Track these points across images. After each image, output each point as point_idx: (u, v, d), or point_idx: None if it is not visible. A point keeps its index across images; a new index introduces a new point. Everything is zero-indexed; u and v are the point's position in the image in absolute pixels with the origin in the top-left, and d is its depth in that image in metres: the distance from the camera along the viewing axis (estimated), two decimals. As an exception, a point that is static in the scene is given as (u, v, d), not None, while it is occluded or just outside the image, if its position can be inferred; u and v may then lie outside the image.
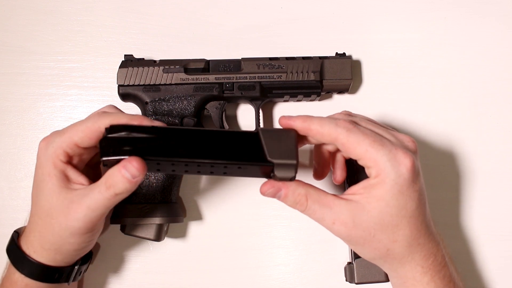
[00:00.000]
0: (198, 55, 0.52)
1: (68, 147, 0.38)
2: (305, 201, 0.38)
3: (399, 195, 0.36)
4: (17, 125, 0.52)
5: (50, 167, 0.38)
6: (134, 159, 0.34)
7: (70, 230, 0.37)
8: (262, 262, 0.50)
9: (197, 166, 0.36)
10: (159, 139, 0.36)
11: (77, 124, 0.38)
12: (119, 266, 0.50)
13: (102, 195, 0.36)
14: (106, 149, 0.35)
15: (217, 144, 0.36)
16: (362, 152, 0.36)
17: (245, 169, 0.37)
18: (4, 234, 0.43)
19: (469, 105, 0.53)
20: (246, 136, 0.37)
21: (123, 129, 0.36)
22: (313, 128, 0.38)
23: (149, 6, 0.54)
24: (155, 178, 0.46)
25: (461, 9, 0.54)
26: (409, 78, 0.53)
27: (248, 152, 0.36)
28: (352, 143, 0.37)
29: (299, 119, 0.38)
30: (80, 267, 0.43)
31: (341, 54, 0.50)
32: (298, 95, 0.49)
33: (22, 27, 0.54)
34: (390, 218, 0.36)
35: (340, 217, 0.37)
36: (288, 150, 0.36)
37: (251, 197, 0.51)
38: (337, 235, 0.38)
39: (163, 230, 0.47)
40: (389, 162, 0.36)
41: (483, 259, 0.50)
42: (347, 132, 0.37)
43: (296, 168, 0.37)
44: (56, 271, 0.40)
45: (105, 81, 0.53)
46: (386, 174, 0.36)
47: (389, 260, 0.38)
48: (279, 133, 0.37)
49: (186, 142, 0.36)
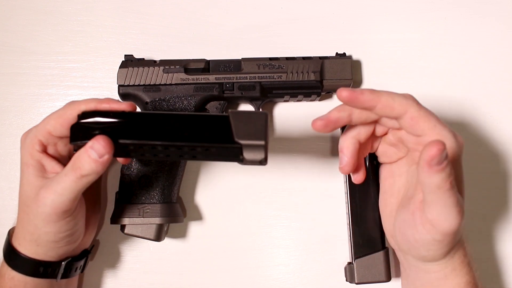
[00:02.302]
0: (198, 55, 0.52)
1: (42, 136, 0.39)
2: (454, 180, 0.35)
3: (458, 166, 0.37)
4: (17, 125, 0.52)
5: (27, 157, 0.39)
6: (100, 137, 0.35)
7: (41, 217, 0.37)
8: (262, 262, 0.50)
9: (165, 149, 0.36)
10: (128, 123, 0.36)
11: (51, 114, 0.39)
12: (118, 266, 0.50)
13: (68, 178, 0.36)
14: (75, 134, 0.36)
15: (186, 127, 0.36)
16: (430, 127, 0.36)
17: (213, 151, 0.36)
18: (4, 234, 0.43)
19: (469, 105, 0.53)
20: (215, 119, 0.36)
21: (94, 115, 0.36)
22: (383, 100, 0.36)
23: (149, 6, 0.54)
24: (155, 178, 0.46)
25: (461, 9, 0.54)
26: (409, 78, 0.53)
27: (215, 134, 0.36)
28: (422, 116, 0.36)
29: (367, 91, 0.37)
30: (71, 265, 0.42)
31: (341, 54, 0.50)
32: (298, 95, 0.49)
33: (22, 27, 0.54)
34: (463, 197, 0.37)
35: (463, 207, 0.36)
36: (257, 131, 0.36)
37: (252, 197, 0.51)
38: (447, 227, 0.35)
39: (163, 230, 0.47)
40: (454, 138, 0.37)
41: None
42: (418, 106, 0.37)
43: (265, 149, 0.36)
44: (40, 264, 0.40)
45: (105, 81, 0.53)
46: (454, 150, 0.36)
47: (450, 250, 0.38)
48: (250, 115, 0.36)
49: (154, 125, 0.36)
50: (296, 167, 0.51)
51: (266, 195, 0.51)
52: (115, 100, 0.38)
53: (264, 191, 0.51)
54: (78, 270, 0.45)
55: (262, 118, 0.36)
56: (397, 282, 0.47)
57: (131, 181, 0.46)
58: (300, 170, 0.51)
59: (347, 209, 0.48)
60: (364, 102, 0.36)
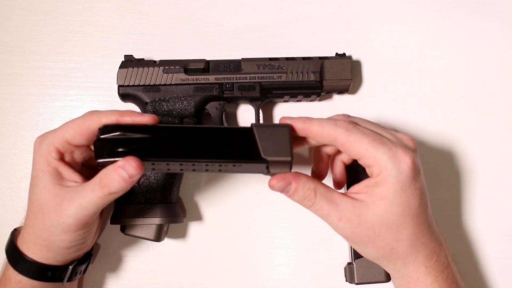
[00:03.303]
0: (198, 55, 0.52)
1: (59, 144, 0.38)
2: (314, 196, 0.38)
3: (401, 192, 0.36)
4: (17, 125, 0.52)
5: (43, 164, 0.38)
6: (132, 159, 0.34)
7: (61, 226, 0.37)
8: (262, 263, 0.50)
9: (192, 165, 0.36)
10: (153, 139, 0.36)
11: (69, 122, 0.39)
12: (119, 266, 0.50)
13: (95, 194, 0.36)
14: (100, 151, 0.36)
15: (211, 142, 0.36)
16: (362, 151, 0.37)
17: (239, 166, 0.37)
18: (4, 234, 0.43)
19: (469, 105, 0.53)
20: (240, 132, 0.37)
21: (116, 129, 0.36)
22: (312, 129, 0.38)
23: (149, 6, 0.54)
24: (155, 179, 0.46)
25: (461, 9, 0.54)
26: (409, 78, 0.53)
27: (242, 150, 0.36)
28: (351, 142, 0.37)
29: (299, 120, 0.38)
30: (76, 268, 0.43)
31: (341, 54, 0.50)
32: (298, 95, 0.49)
33: (22, 27, 0.54)
34: (395, 216, 0.37)
35: (346, 215, 0.37)
36: (282, 147, 0.36)
37: (251, 197, 0.51)
38: (341, 234, 0.38)
39: (163, 231, 0.47)
40: (389, 159, 0.36)
41: (485, 259, 0.50)
42: (346, 132, 0.37)
43: (290, 164, 0.37)
44: (48, 269, 0.40)
45: (105, 81, 0.53)
46: (388, 172, 0.36)
47: (392, 259, 0.38)
48: (273, 129, 0.37)
49: (180, 141, 0.36)
50: (296, 167, 0.51)
51: (266, 195, 0.51)
52: (137, 113, 0.37)
53: (264, 191, 0.51)
54: (81, 273, 0.45)
55: (286, 132, 0.37)
56: (397, 282, 0.47)
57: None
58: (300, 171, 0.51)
59: (347, 209, 0.48)
60: (297, 131, 0.38)
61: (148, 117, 0.37)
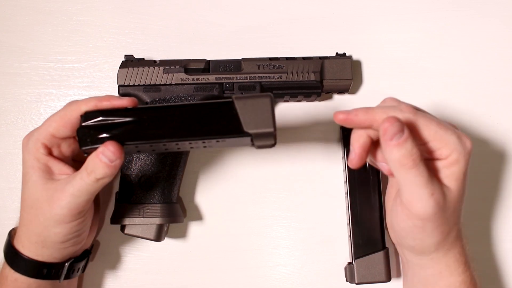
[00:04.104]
0: (198, 55, 0.52)
1: (45, 139, 0.39)
2: (418, 158, 0.34)
3: (466, 173, 0.37)
4: (17, 125, 0.52)
5: (33, 161, 0.39)
6: (110, 144, 0.35)
7: (55, 218, 0.38)
8: (262, 262, 0.50)
9: (176, 144, 0.36)
10: (134, 122, 0.36)
11: (51, 116, 0.39)
12: (119, 266, 0.50)
13: (84, 181, 0.36)
14: (83, 139, 0.36)
15: (192, 119, 0.36)
16: (432, 134, 0.36)
17: (223, 141, 0.37)
18: (4, 234, 0.43)
19: (469, 106, 0.53)
20: (221, 106, 0.36)
21: (97, 115, 0.36)
22: (377, 118, 0.36)
23: (149, 6, 0.54)
24: (155, 178, 0.46)
25: (461, 9, 0.54)
26: (409, 78, 0.53)
27: (224, 125, 0.36)
28: (421, 125, 0.36)
29: (361, 112, 0.36)
30: (73, 265, 0.43)
31: (341, 54, 0.50)
32: (298, 95, 0.49)
33: (22, 27, 0.54)
34: (460, 198, 0.37)
35: (437, 192, 0.35)
36: (264, 119, 0.36)
37: (252, 197, 0.51)
38: (419, 210, 0.35)
39: (163, 230, 0.47)
40: (458, 140, 0.36)
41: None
42: (415, 117, 0.36)
43: (274, 136, 0.36)
44: (44, 266, 0.40)
45: (105, 81, 0.53)
46: (459, 152, 0.36)
47: (441, 246, 0.38)
48: (254, 100, 0.36)
49: (161, 121, 0.36)
50: (296, 167, 0.51)
51: (266, 195, 0.51)
52: (115, 97, 0.37)
53: (264, 191, 0.51)
54: (80, 271, 0.45)
55: (267, 103, 0.36)
56: (397, 282, 0.47)
57: (131, 181, 0.46)
58: (300, 170, 0.51)
59: (347, 209, 0.48)
60: (360, 123, 0.37)
61: (126, 100, 0.37)
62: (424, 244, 0.38)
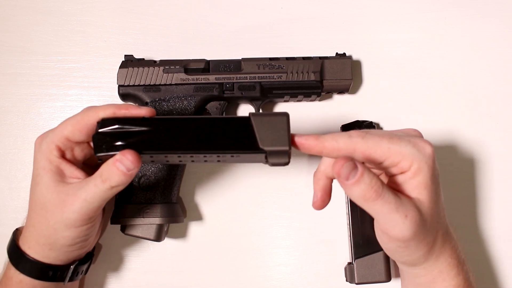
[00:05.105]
0: (198, 55, 0.52)
1: (59, 141, 0.38)
2: (381, 186, 0.34)
3: (434, 178, 0.36)
4: (18, 125, 0.52)
5: (45, 162, 0.38)
6: (128, 152, 0.35)
7: (66, 222, 0.38)
8: (262, 262, 0.50)
9: (190, 157, 0.36)
10: (151, 131, 0.36)
11: (68, 119, 0.39)
12: (119, 266, 0.50)
13: (98, 188, 0.36)
14: (99, 145, 0.36)
15: (209, 133, 0.36)
16: (386, 151, 0.35)
17: (238, 157, 0.37)
18: (4, 234, 0.43)
19: (469, 106, 0.53)
20: (237, 122, 0.36)
21: (114, 123, 0.36)
22: (327, 145, 0.36)
23: (149, 6, 0.54)
24: (155, 179, 0.46)
25: (461, 9, 0.54)
26: (409, 78, 0.53)
27: (240, 140, 0.36)
28: (372, 147, 0.35)
29: (311, 138, 0.36)
30: (78, 268, 0.43)
31: (341, 54, 0.50)
32: (298, 95, 0.49)
33: (22, 27, 0.54)
34: (435, 204, 0.36)
35: (410, 212, 0.34)
36: (280, 136, 0.36)
37: (252, 197, 0.51)
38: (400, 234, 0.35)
39: (163, 230, 0.47)
40: (414, 148, 0.35)
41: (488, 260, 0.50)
42: (363, 139, 0.35)
43: (289, 154, 0.36)
44: (50, 268, 0.40)
45: (105, 81, 0.53)
46: (419, 160, 0.35)
47: (430, 255, 0.38)
48: (271, 118, 0.36)
49: (177, 133, 0.36)
50: (296, 167, 0.51)
51: (266, 195, 0.51)
52: (134, 106, 0.37)
53: (264, 191, 0.51)
54: (83, 273, 0.45)
55: (284, 121, 0.36)
56: (397, 282, 0.47)
57: (131, 181, 0.46)
58: (300, 171, 0.51)
59: (347, 209, 0.48)
60: (311, 149, 0.36)
61: (145, 110, 0.37)
62: (413, 258, 0.38)
